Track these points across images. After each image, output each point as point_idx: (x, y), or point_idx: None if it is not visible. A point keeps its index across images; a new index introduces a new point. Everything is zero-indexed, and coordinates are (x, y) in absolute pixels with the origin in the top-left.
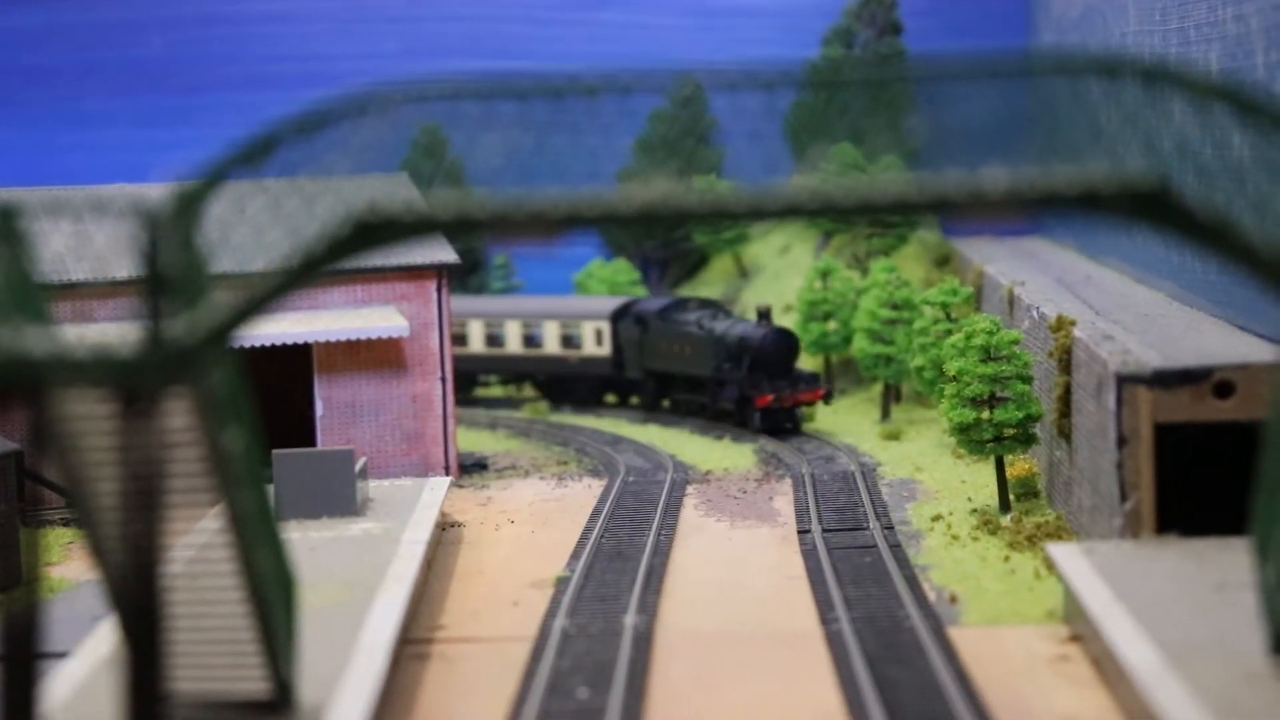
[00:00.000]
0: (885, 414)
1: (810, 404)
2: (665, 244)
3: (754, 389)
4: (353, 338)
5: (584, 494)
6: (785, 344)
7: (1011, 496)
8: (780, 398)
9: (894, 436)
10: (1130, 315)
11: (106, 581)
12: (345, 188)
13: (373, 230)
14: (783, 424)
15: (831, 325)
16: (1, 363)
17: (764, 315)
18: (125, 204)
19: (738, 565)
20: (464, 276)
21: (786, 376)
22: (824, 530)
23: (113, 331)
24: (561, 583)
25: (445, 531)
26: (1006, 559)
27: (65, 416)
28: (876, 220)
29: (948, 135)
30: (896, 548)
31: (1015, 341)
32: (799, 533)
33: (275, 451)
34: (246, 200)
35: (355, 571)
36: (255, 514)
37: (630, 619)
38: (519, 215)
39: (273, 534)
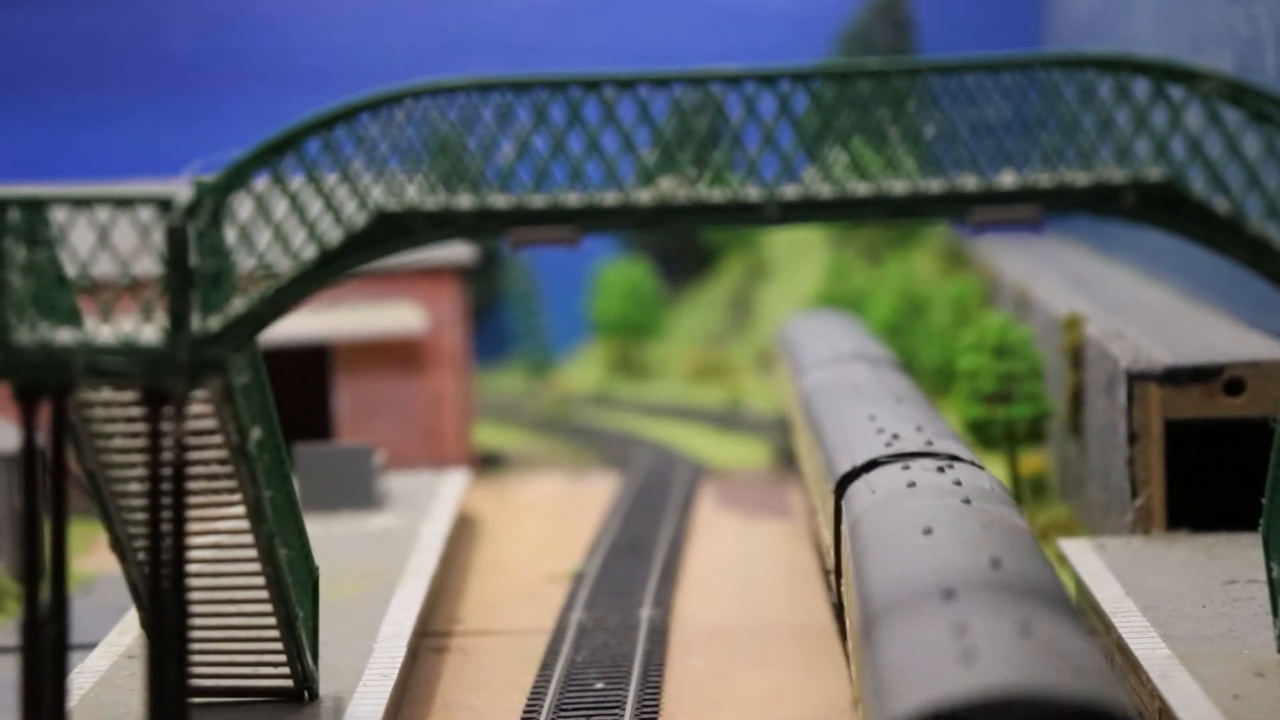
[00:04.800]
0: None
1: None
2: (680, 240)
3: None
4: (372, 334)
5: (600, 489)
6: None
7: (1023, 492)
8: None
9: None
10: (1141, 313)
11: (130, 574)
12: (367, 185)
13: (392, 220)
14: None
15: None
16: (28, 358)
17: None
18: (150, 200)
19: (752, 559)
20: (479, 276)
21: None
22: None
23: (138, 328)
24: (578, 577)
25: (463, 526)
26: None
27: (91, 411)
28: (892, 217)
29: (961, 134)
30: None
31: (1028, 339)
32: None
33: (296, 446)
34: (270, 197)
35: (374, 564)
36: (280, 507)
37: (646, 612)
38: (539, 208)
39: (297, 527)
